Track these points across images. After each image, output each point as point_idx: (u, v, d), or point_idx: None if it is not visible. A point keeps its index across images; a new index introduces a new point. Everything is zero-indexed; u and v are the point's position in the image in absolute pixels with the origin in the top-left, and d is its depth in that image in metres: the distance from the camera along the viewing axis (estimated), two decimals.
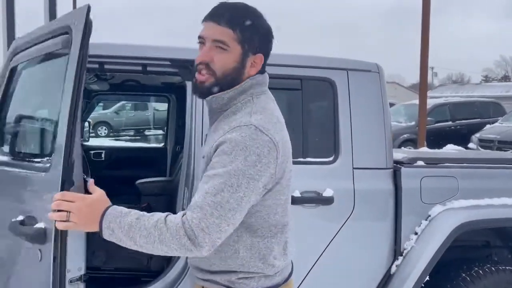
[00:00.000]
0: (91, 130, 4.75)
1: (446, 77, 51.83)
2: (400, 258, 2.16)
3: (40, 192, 1.52)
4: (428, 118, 10.01)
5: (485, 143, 9.77)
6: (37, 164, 1.66)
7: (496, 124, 10.78)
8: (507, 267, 2.23)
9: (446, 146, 4.22)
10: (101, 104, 15.62)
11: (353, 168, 2.15)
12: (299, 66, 2.17)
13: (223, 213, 1.09)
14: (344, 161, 2.15)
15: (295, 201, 2.03)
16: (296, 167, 2.09)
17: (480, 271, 2.20)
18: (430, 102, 11.68)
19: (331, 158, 2.15)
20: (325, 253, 2.10)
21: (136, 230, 1.10)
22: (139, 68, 2.07)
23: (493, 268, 2.20)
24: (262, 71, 1.28)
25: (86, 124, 3.75)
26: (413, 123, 10.86)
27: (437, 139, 9.48)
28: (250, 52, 1.22)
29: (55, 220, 1.17)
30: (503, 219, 2.19)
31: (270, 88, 2.16)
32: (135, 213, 1.14)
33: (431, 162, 2.35)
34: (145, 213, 1.15)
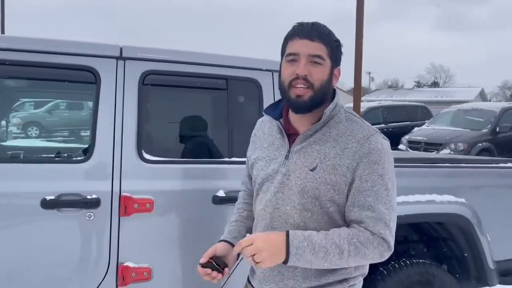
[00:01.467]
0: (20, 131, 4.44)
1: (382, 82, 54.57)
2: None
3: None
4: None
5: (413, 144, 10.39)
6: None
7: (423, 126, 11.49)
8: (420, 260, 2.38)
9: None
10: (32, 103, 14.73)
11: None
12: (225, 66, 2.17)
13: (394, 214, 1.27)
14: None
15: (219, 201, 2.04)
16: (222, 167, 2.13)
17: (396, 265, 2.32)
18: (365, 105, 12.24)
19: None
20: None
21: (328, 249, 1.20)
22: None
23: (407, 262, 2.33)
24: None
25: (3, 123, 3.51)
26: None
27: None
28: (335, 65, 1.34)
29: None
30: (416, 215, 2.32)
31: (195, 87, 2.18)
32: (316, 233, 1.22)
33: None
34: (323, 231, 1.23)
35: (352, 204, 1.25)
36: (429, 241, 2.71)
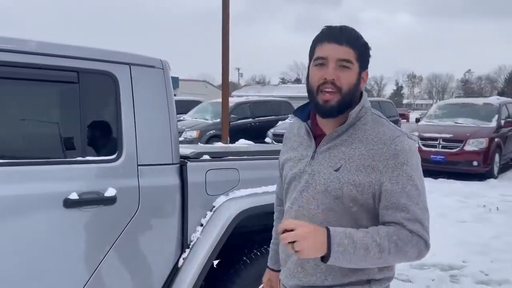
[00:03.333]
0: None
1: (250, 78, 56.94)
2: (187, 250, 2.22)
3: None
4: (232, 115, 10.76)
5: (277, 137, 11.04)
6: None
7: (286, 120, 12.30)
8: None
9: (239, 140, 4.57)
10: None
11: (138, 165, 2.10)
12: (76, 58, 2.00)
13: (427, 213, 1.28)
14: (128, 159, 2.08)
15: (71, 204, 1.88)
16: (75, 167, 1.96)
17: (258, 253, 2.43)
18: (233, 101, 12.58)
19: (113, 156, 2.05)
20: (109, 254, 2.00)
21: (368, 247, 1.19)
22: None
23: (268, 248, 2.46)
24: None
25: None
26: (218, 120, 11.49)
27: (239, 134, 10.23)
28: (362, 68, 1.35)
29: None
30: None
31: (41, 80, 1.97)
32: (355, 231, 1.21)
33: (216, 156, 2.48)
34: (362, 229, 1.23)
35: (386, 207, 1.26)
36: None
